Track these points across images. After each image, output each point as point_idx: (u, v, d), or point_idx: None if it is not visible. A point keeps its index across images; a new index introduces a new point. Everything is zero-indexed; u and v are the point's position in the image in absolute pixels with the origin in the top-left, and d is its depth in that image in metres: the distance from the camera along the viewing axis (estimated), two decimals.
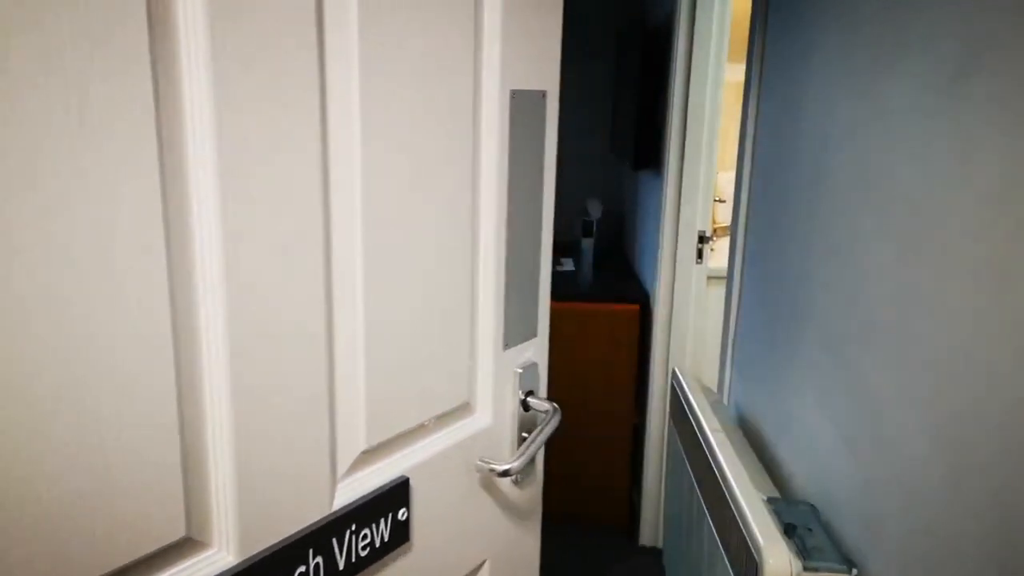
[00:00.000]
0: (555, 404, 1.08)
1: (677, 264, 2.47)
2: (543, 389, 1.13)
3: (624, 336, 2.62)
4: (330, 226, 0.76)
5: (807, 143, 1.29)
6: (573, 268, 2.96)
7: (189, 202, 0.65)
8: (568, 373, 2.64)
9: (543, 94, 0.95)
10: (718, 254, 3.15)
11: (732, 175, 3.25)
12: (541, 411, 1.09)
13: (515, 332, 1.05)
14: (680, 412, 1.53)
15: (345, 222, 0.78)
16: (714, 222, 3.33)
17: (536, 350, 1.10)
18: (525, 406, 1.08)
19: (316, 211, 0.73)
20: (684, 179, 2.41)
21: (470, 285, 0.96)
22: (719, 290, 2.64)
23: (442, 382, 0.94)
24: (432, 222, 0.87)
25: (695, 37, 2.30)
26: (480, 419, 1.02)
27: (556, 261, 3.05)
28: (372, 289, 0.82)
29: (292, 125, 0.70)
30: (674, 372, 1.61)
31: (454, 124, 0.86)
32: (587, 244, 3.31)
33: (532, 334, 1.09)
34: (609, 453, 2.69)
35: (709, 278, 2.53)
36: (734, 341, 1.64)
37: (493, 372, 1.02)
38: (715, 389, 2.33)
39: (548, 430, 1.04)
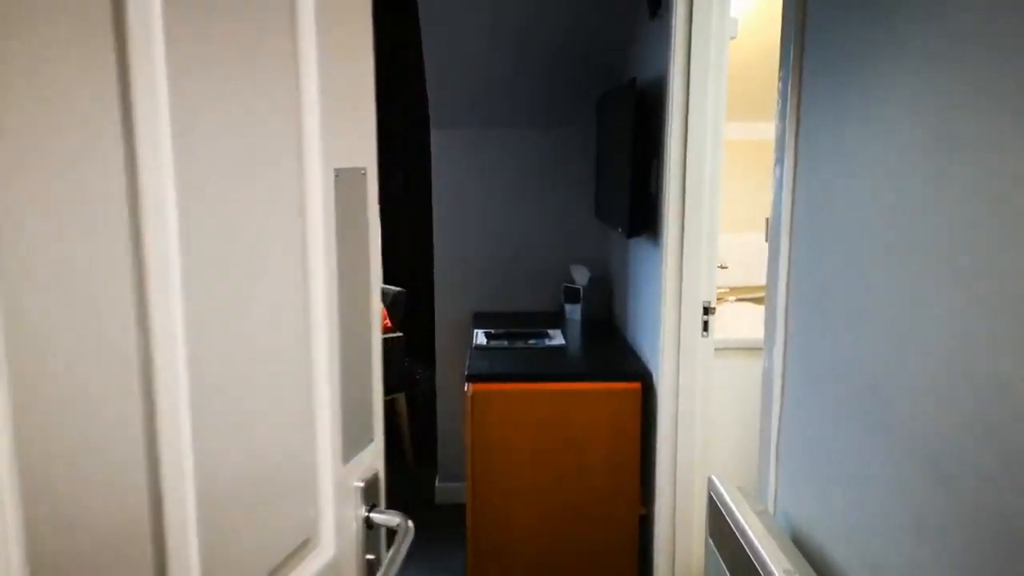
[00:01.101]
0: (406, 516, 0.94)
1: (681, 338, 2.27)
2: (383, 498, 1.01)
3: (626, 418, 2.39)
4: (150, 346, 0.62)
5: (873, 215, 1.10)
6: (563, 342, 2.74)
7: None
8: (563, 461, 2.39)
9: (363, 171, 0.95)
10: (718, 320, 2.96)
11: (733, 238, 3.08)
12: (391, 526, 0.94)
13: (354, 441, 0.93)
14: (725, 532, 1.30)
15: (166, 338, 0.65)
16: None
17: (374, 455, 0.98)
18: (368, 522, 0.95)
19: (130, 338, 0.61)
20: (685, 247, 2.22)
21: (308, 394, 0.84)
22: (726, 362, 2.44)
23: (283, 520, 0.82)
24: (263, 324, 0.76)
25: (691, 95, 2.14)
26: (324, 552, 0.88)
27: (543, 334, 2.83)
28: (202, 424, 0.68)
29: (96, 239, 0.57)
30: (711, 481, 1.38)
31: (281, 214, 0.79)
32: (573, 311, 3.10)
33: (369, 438, 0.97)
34: (612, 549, 2.43)
35: (717, 350, 2.33)
36: (778, 438, 1.42)
37: (334, 493, 0.89)
38: (738, 481, 2.09)
39: (403, 552, 0.90)
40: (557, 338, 2.79)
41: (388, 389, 3.77)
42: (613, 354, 2.65)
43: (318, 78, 0.84)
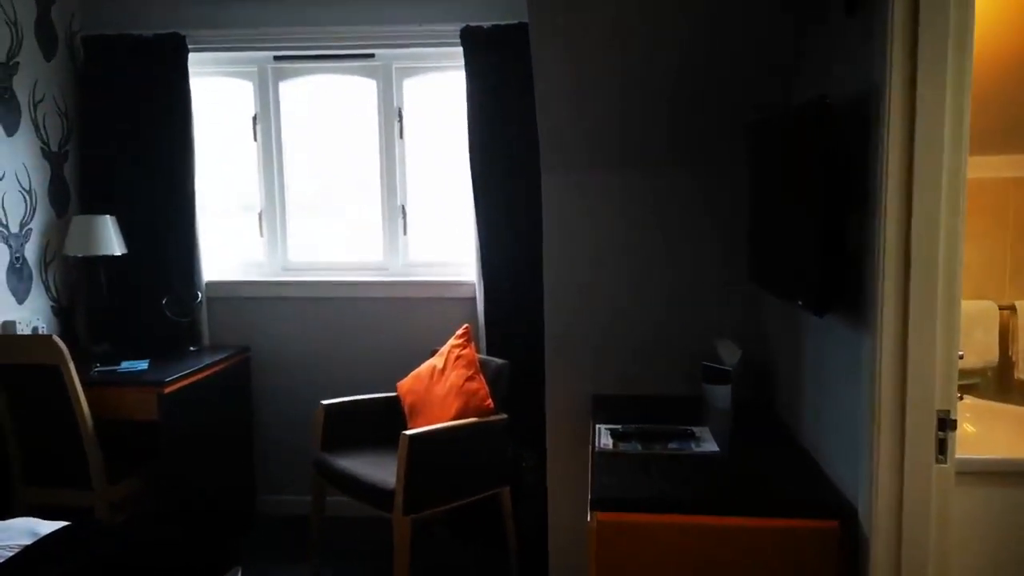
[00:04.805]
0: None
1: (906, 463, 1.57)
2: None
3: (817, 571, 1.70)
4: None
5: None
6: (716, 448, 2.08)
7: None
8: None
9: None
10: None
11: (976, 305, 2.34)
12: None
13: None
14: None
15: None
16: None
17: None
18: None
19: None
20: (911, 333, 1.54)
21: None
22: (973, 489, 1.72)
23: None
24: None
25: (918, 118, 1.49)
26: None
27: (687, 433, 2.18)
28: None
29: None
30: None
31: None
32: (718, 398, 2.43)
33: None
34: None
35: (959, 474, 1.61)
36: None
37: None
38: None
39: None
40: (707, 440, 2.13)
41: (490, 483, 3.20)
42: (790, 471, 1.96)
43: None
